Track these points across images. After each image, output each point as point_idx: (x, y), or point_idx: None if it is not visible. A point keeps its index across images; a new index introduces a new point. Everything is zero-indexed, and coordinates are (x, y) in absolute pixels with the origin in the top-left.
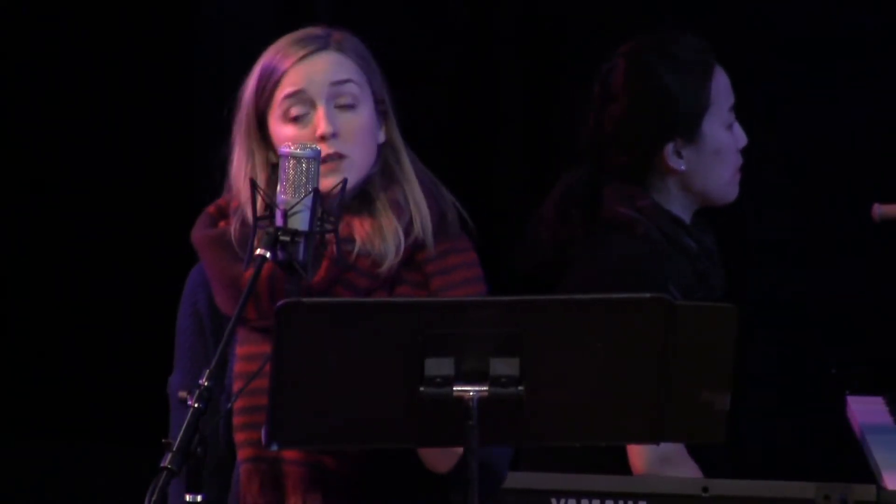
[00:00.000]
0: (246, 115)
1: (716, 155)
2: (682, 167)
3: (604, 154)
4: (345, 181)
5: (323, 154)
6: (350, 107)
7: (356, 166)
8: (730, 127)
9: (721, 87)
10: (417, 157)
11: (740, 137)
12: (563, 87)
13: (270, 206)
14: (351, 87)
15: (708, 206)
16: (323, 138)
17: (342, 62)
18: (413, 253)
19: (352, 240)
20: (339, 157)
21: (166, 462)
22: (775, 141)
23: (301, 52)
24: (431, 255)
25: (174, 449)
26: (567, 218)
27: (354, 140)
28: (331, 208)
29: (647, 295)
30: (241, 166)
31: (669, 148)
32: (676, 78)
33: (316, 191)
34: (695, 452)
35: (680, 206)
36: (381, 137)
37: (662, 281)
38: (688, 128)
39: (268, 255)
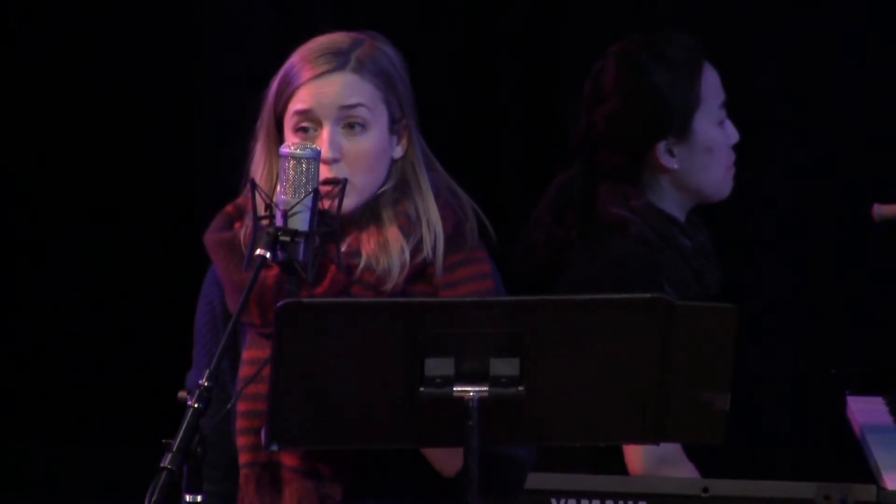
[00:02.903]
0: (267, 115)
1: (708, 152)
2: (675, 165)
3: (596, 153)
4: (345, 181)
5: (325, 177)
6: (358, 131)
7: (357, 190)
8: (721, 124)
9: (711, 84)
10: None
11: (732, 134)
12: (564, 86)
13: (270, 207)
14: (360, 112)
15: (702, 204)
16: (325, 162)
17: (356, 85)
18: (423, 267)
19: (359, 253)
20: (338, 182)
21: (166, 462)
22: (775, 141)
23: (317, 70)
24: (441, 268)
25: (174, 449)
26: (562, 219)
27: (358, 165)
28: (331, 212)
29: (647, 295)
30: (259, 163)
31: (661, 146)
32: (667, 77)
33: (316, 191)
34: (695, 452)
35: (674, 205)
36: (398, 153)
37: (658, 281)
38: (679, 126)
39: (268, 255)
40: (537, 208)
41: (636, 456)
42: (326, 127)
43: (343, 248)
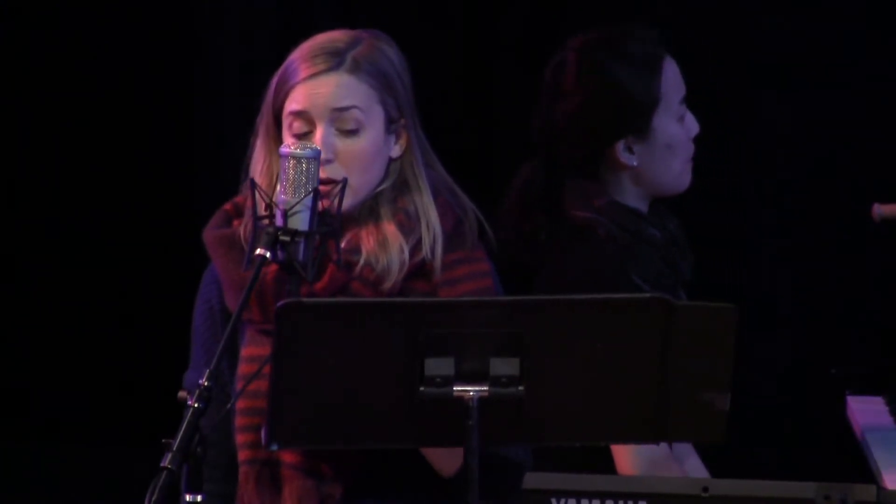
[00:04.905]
0: (266, 111)
1: (667, 149)
2: (634, 163)
3: (556, 148)
4: (345, 180)
5: (321, 176)
6: (352, 132)
7: (352, 190)
8: (681, 119)
9: (671, 79)
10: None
11: (692, 127)
12: None
13: (271, 206)
14: (354, 114)
15: (660, 197)
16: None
17: (350, 86)
18: (422, 265)
19: (358, 251)
20: (333, 182)
21: (166, 462)
22: (775, 141)
23: (312, 70)
24: (440, 266)
25: (174, 449)
26: (529, 216)
27: (352, 166)
28: (331, 211)
29: (648, 295)
30: (258, 159)
31: (621, 144)
32: (627, 74)
33: (316, 191)
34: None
35: (635, 198)
36: (396, 152)
37: (632, 282)
38: (639, 124)
39: (268, 255)
40: (505, 205)
41: (624, 462)
42: (320, 128)
43: (343, 245)
